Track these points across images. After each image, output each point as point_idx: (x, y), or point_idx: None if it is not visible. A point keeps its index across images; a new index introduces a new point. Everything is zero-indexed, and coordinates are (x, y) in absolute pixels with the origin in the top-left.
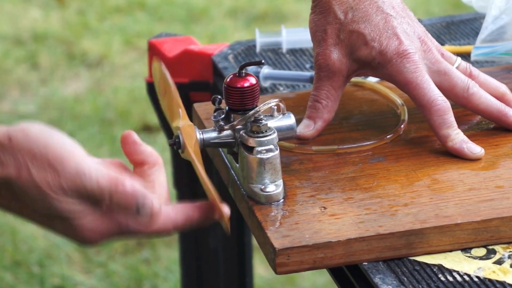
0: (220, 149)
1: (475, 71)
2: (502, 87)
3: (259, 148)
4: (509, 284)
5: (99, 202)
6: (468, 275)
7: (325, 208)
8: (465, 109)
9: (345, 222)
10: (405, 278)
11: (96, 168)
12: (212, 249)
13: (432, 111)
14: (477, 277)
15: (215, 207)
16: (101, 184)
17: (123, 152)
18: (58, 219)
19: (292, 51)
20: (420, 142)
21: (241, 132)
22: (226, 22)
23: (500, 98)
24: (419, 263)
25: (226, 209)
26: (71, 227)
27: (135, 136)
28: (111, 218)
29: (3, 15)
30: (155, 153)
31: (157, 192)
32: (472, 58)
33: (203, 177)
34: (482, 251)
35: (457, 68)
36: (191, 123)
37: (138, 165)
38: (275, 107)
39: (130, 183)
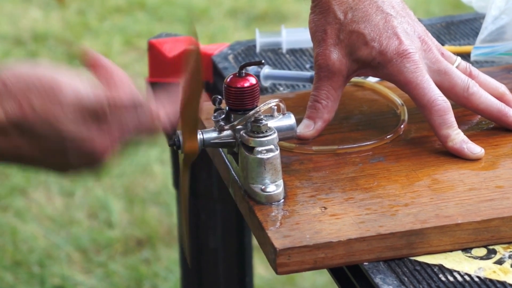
0: (220, 149)
1: (475, 71)
2: (502, 87)
3: (260, 148)
4: (509, 284)
5: (101, 117)
6: (469, 275)
7: (325, 208)
8: (465, 108)
9: (345, 222)
10: (406, 278)
11: (89, 87)
12: (212, 249)
13: (433, 111)
14: (478, 277)
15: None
16: (98, 99)
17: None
18: (71, 148)
19: (292, 51)
20: (420, 142)
21: (241, 132)
22: (226, 22)
23: (500, 98)
24: (419, 263)
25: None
26: (85, 151)
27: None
28: (115, 127)
29: (3, 15)
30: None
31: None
32: (472, 58)
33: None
34: (482, 251)
35: (457, 67)
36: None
37: (100, 75)
38: (275, 107)
39: (122, 88)
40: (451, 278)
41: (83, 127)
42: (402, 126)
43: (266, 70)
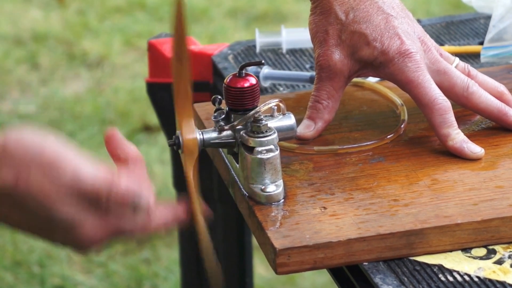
0: (220, 149)
1: (473, 71)
2: (500, 87)
3: (260, 148)
4: (509, 284)
5: (96, 205)
6: (468, 275)
7: (325, 208)
8: (465, 108)
9: (345, 222)
10: (406, 278)
11: (91, 171)
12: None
13: (433, 110)
14: (477, 277)
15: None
16: (97, 186)
17: (107, 150)
18: (59, 228)
19: (292, 51)
20: (420, 142)
21: (241, 132)
22: (226, 22)
23: (499, 97)
24: (419, 263)
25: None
26: (72, 235)
27: (119, 135)
28: (109, 221)
29: (3, 15)
30: (136, 150)
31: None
32: (482, 60)
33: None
34: (482, 251)
35: (455, 67)
36: (195, 137)
37: (121, 163)
38: (275, 107)
39: (125, 183)
40: (450, 278)
41: (75, 210)
42: (402, 126)
43: (265, 70)
